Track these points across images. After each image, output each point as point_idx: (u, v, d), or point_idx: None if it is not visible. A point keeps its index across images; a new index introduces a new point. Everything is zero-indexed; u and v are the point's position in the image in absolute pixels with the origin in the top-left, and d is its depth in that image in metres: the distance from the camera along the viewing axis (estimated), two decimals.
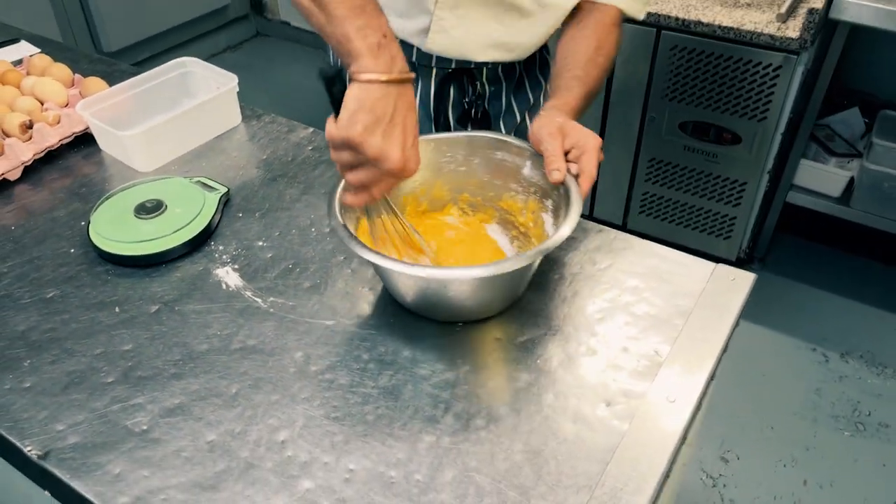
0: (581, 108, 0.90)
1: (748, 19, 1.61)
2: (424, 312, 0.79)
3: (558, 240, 0.73)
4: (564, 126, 0.82)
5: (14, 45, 1.37)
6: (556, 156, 0.79)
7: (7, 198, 1.01)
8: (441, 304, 0.77)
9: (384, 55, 0.69)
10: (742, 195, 1.85)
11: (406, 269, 0.70)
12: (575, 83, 0.91)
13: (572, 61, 0.95)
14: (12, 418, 0.69)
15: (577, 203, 0.76)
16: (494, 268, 0.70)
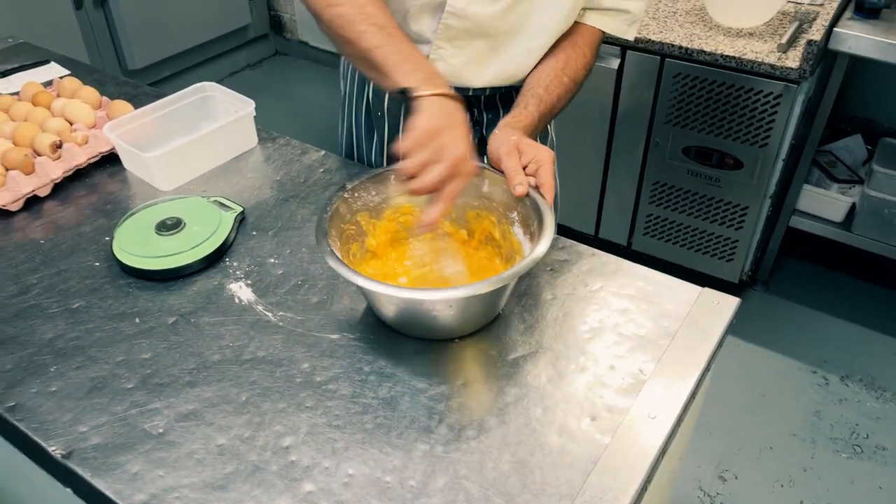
0: (536, 126, 0.97)
1: (749, 49, 1.66)
2: (404, 330, 0.84)
3: (535, 258, 0.78)
4: (519, 143, 0.88)
5: (44, 66, 1.45)
6: (517, 171, 0.85)
7: (37, 213, 1.07)
8: (418, 322, 0.83)
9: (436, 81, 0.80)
10: (744, 219, 1.89)
11: (380, 287, 0.75)
12: (533, 101, 0.98)
13: (536, 78, 1.02)
14: (39, 420, 0.75)
15: (548, 217, 0.81)
16: (468, 289, 0.75)
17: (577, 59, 1.04)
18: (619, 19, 1.06)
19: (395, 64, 0.82)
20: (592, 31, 1.06)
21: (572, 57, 1.04)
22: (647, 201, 2.01)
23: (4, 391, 0.78)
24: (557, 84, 1.01)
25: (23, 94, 1.25)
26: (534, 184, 0.86)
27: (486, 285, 0.75)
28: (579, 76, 1.04)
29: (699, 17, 1.82)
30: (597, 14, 1.05)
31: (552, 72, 1.02)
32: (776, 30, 1.74)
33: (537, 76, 1.02)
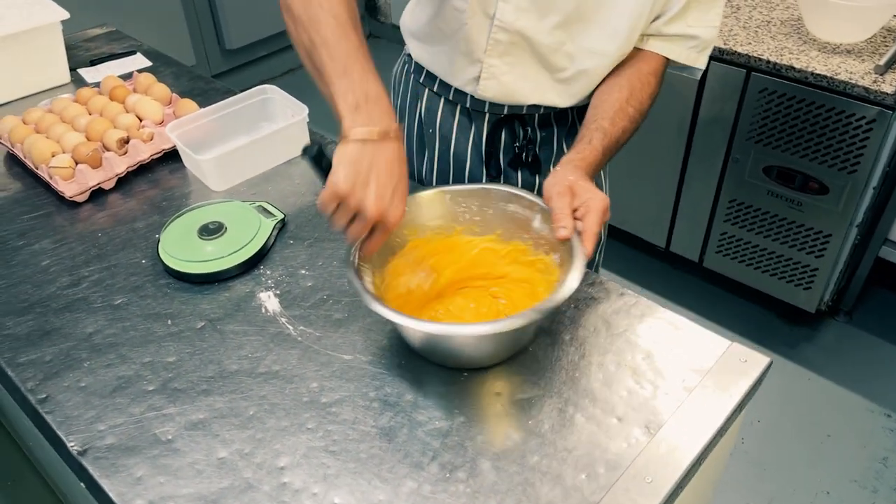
0: (600, 161, 0.92)
1: (844, 68, 1.54)
2: (430, 358, 0.85)
3: (555, 301, 0.76)
4: (574, 185, 0.84)
5: (130, 57, 1.53)
6: (564, 214, 0.82)
7: (101, 204, 1.14)
8: (444, 353, 0.83)
9: (362, 116, 0.75)
10: (826, 247, 1.77)
11: (409, 322, 0.75)
12: (598, 135, 0.93)
13: (601, 110, 0.97)
14: (65, 414, 0.81)
15: (578, 264, 0.79)
16: (488, 326, 0.74)
17: (643, 88, 0.99)
18: (687, 46, 1.00)
19: (333, 74, 0.77)
20: (657, 59, 1.01)
21: (637, 86, 0.99)
22: (723, 219, 1.92)
23: (41, 382, 0.84)
24: (623, 116, 0.97)
25: (103, 86, 1.33)
26: (579, 229, 0.83)
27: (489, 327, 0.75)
28: (644, 106, 1.00)
29: (794, 29, 1.71)
30: (660, 41, 1.00)
31: (617, 103, 0.97)
32: (877, 48, 1.61)
33: (602, 107, 0.98)
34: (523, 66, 1.01)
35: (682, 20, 0.97)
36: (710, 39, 1.01)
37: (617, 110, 0.96)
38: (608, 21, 0.95)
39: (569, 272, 0.79)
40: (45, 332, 0.91)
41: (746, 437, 1.77)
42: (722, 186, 1.87)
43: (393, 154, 0.77)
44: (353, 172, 0.74)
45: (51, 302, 0.96)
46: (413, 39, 1.12)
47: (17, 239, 1.07)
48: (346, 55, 0.78)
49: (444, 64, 1.07)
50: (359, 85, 0.77)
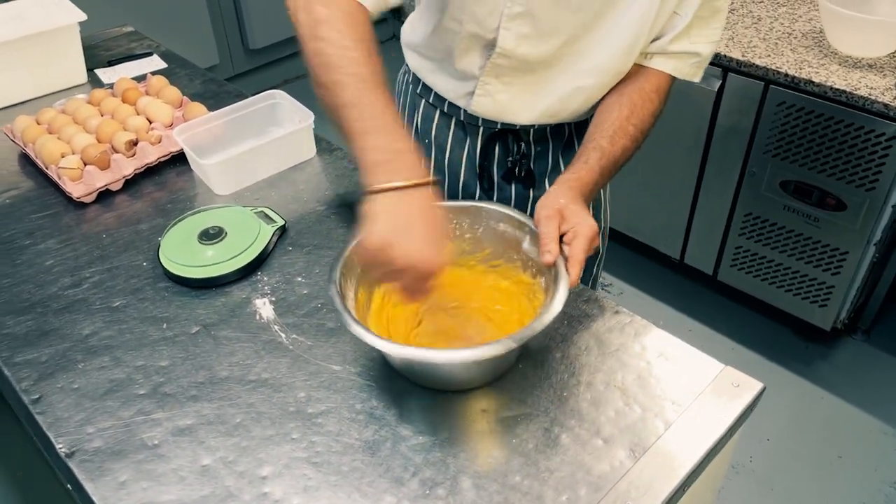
0: (598, 182, 0.91)
1: (864, 83, 1.51)
2: (412, 380, 0.84)
3: (533, 330, 0.75)
4: (564, 209, 0.83)
5: (147, 58, 1.55)
6: (550, 238, 0.81)
7: (108, 205, 1.16)
8: (425, 376, 0.82)
9: (392, 170, 0.72)
10: (842, 264, 1.73)
11: (389, 347, 0.75)
12: (596, 154, 0.92)
13: (601, 129, 0.95)
14: (55, 416, 0.82)
15: (561, 291, 0.78)
16: (468, 353, 0.74)
17: (644, 105, 0.97)
18: (689, 62, 0.99)
19: (359, 133, 0.75)
20: (660, 76, 0.99)
21: (638, 104, 0.97)
22: (738, 232, 1.89)
23: (35, 383, 0.86)
24: (623, 134, 0.94)
25: (116, 88, 1.35)
26: (566, 254, 0.81)
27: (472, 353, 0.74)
28: (646, 125, 0.98)
29: (815, 42, 1.67)
30: (664, 58, 0.98)
31: (617, 121, 0.95)
32: None
33: (601, 126, 0.96)
34: (519, 85, 1.00)
35: (686, 37, 0.95)
36: (709, 55, 0.99)
37: (617, 129, 0.94)
38: (607, 41, 0.93)
39: (552, 298, 0.78)
40: (43, 333, 0.93)
41: (755, 455, 1.74)
42: (738, 199, 1.84)
43: (426, 201, 0.73)
44: (385, 227, 0.70)
45: (51, 302, 0.97)
46: (410, 51, 1.12)
47: (24, 238, 1.09)
48: (372, 116, 0.75)
49: (439, 78, 1.06)
50: (384, 141, 0.74)
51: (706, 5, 0.94)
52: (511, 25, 0.92)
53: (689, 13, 0.92)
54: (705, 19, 0.95)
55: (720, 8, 0.96)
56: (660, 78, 0.99)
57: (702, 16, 0.94)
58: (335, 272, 0.81)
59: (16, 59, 1.36)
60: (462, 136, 1.10)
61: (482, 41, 0.96)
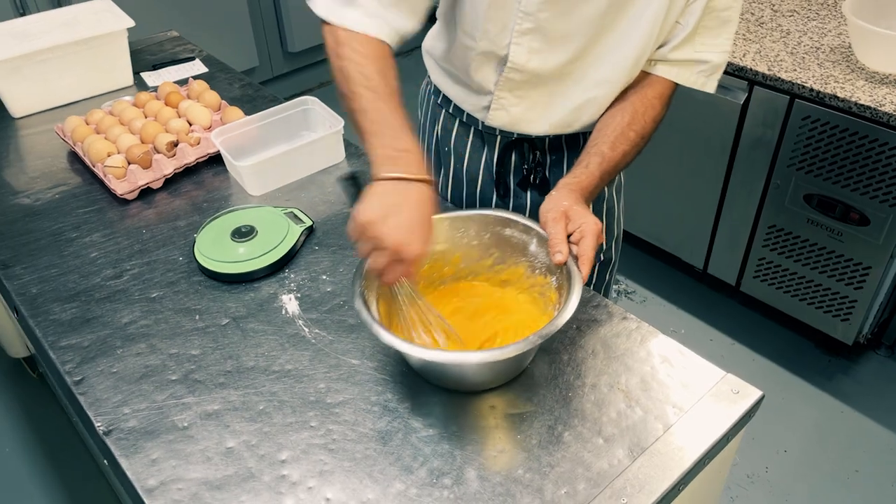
0: (597, 185, 0.95)
1: (890, 99, 1.51)
2: (430, 380, 0.89)
3: (553, 329, 0.79)
4: (569, 210, 0.88)
5: (189, 63, 1.63)
6: (559, 239, 0.85)
7: (149, 202, 1.23)
8: (444, 378, 0.87)
9: (395, 164, 0.80)
10: (865, 279, 1.73)
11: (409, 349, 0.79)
12: (596, 159, 0.96)
13: (602, 134, 1.00)
14: (95, 396, 0.89)
15: (576, 289, 0.82)
16: (486, 355, 0.78)
17: (646, 111, 1.01)
18: (695, 70, 1.01)
19: (369, 133, 0.85)
20: (662, 83, 1.03)
21: (640, 110, 1.01)
22: (761, 244, 1.90)
23: (77, 365, 0.93)
24: (623, 140, 0.99)
25: (160, 92, 1.43)
26: (576, 253, 0.86)
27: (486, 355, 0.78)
28: (647, 130, 1.02)
29: (843, 57, 1.68)
30: (666, 65, 1.02)
31: (619, 127, 1.00)
32: None
33: (603, 132, 1.00)
34: (532, 98, 1.05)
35: (689, 45, 0.98)
36: (720, 63, 1.02)
37: (618, 135, 0.98)
38: (615, 53, 0.97)
39: (568, 296, 0.82)
40: (86, 320, 1.00)
41: (771, 466, 1.75)
42: (762, 212, 1.85)
43: (420, 195, 0.80)
44: (377, 205, 0.78)
45: (94, 292, 1.04)
46: (432, 62, 1.17)
47: (71, 231, 1.16)
48: (382, 120, 0.85)
49: (457, 90, 1.11)
50: (390, 141, 0.84)
51: (711, 16, 0.97)
52: (522, 41, 0.97)
53: (691, 23, 0.96)
54: (712, 29, 0.98)
55: (729, 19, 0.98)
56: (662, 84, 1.03)
57: (708, 25, 0.97)
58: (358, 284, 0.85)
59: (67, 62, 1.45)
60: (480, 144, 1.15)
61: (495, 57, 1.01)
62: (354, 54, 0.90)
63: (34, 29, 1.49)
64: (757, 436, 1.81)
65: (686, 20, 0.96)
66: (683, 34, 0.97)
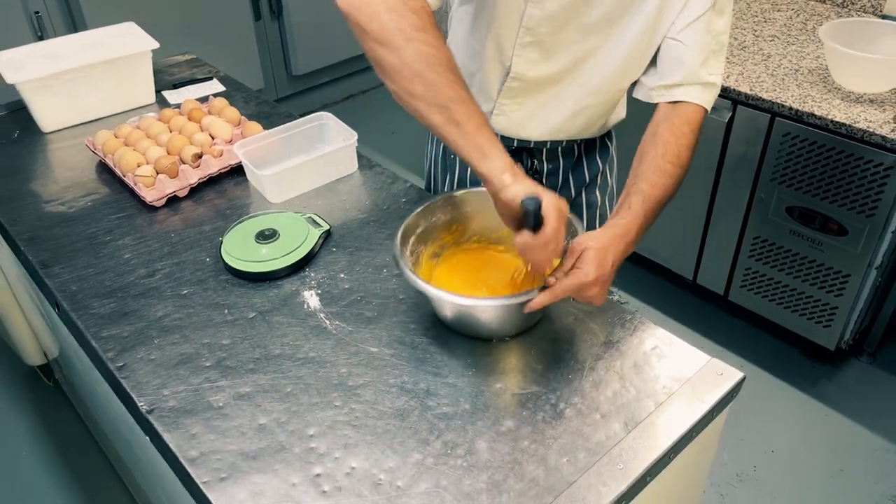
0: (642, 224, 0.98)
1: (864, 117, 1.63)
2: (457, 329, 1.00)
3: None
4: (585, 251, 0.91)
5: (207, 82, 1.73)
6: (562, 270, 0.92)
7: (175, 209, 1.32)
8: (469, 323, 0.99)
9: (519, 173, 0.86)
10: (845, 286, 1.83)
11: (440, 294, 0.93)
12: (637, 199, 0.99)
13: (639, 172, 1.02)
14: (137, 380, 0.97)
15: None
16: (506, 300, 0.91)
17: (678, 140, 1.03)
18: (711, 93, 1.06)
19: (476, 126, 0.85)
20: (688, 110, 1.04)
21: (671, 141, 1.02)
22: (748, 255, 2.00)
23: (118, 354, 1.01)
24: (661, 174, 1.01)
25: (183, 108, 1.52)
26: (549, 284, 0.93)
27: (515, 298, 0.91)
28: (683, 159, 1.03)
29: (820, 78, 1.80)
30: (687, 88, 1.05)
31: (653, 162, 1.01)
32: None
33: (640, 168, 1.02)
34: (531, 105, 1.15)
35: (705, 69, 1.04)
36: (719, 85, 1.07)
37: (654, 169, 1.00)
38: (604, 63, 1.08)
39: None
40: (123, 314, 1.08)
41: (759, 465, 1.83)
42: (747, 224, 1.95)
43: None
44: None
45: (129, 289, 1.13)
46: None
47: (104, 235, 1.25)
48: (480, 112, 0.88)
49: None
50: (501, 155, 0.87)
51: (717, 40, 1.04)
52: (523, 52, 1.08)
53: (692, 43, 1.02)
54: (716, 53, 1.04)
55: (724, 43, 1.06)
56: (691, 112, 1.04)
57: (714, 50, 1.04)
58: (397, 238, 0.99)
59: (95, 80, 1.55)
60: None
61: (499, 69, 1.11)
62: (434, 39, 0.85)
63: (63, 50, 1.59)
64: (745, 437, 1.89)
65: (687, 38, 1.01)
66: (698, 59, 1.02)
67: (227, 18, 2.89)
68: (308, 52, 3.18)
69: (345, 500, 0.82)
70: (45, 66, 1.52)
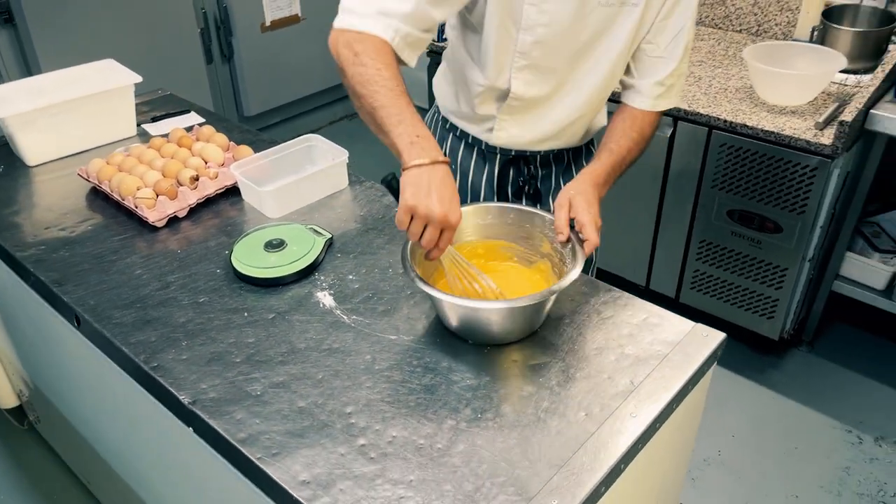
0: (609, 172, 1.19)
1: (789, 126, 1.84)
2: (461, 334, 1.07)
3: (563, 284, 0.99)
4: (573, 199, 1.10)
5: (185, 114, 1.79)
6: (562, 224, 1.08)
7: (176, 229, 1.37)
8: (473, 327, 1.05)
9: (416, 149, 0.97)
10: (783, 279, 2.03)
11: (446, 297, 0.99)
12: (605, 154, 1.21)
13: (609, 136, 1.25)
14: (174, 377, 1.02)
15: (580, 259, 1.03)
16: (511, 302, 0.98)
17: (644, 117, 1.26)
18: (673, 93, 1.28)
19: (393, 125, 0.99)
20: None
21: (638, 116, 1.26)
22: (695, 258, 2.18)
23: (150, 356, 1.06)
24: (626, 138, 1.24)
25: (171, 136, 1.58)
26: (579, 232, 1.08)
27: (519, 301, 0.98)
28: (646, 132, 1.27)
29: (747, 95, 2.01)
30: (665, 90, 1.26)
31: (620, 129, 1.25)
32: (818, 109, 1.91)
33: (610, 134, 1.26)
34: (527, 119, 1.29)
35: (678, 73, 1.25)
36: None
37: (621, 135, 1.23)
38: (590, 79, 1.24)
39: (573, 266, 1.03)
40: (146, 321, 1.13)
41: (723, 449, 1.98)
42: (693, 229, 2.13)
43: (444, 174, 0.98)
44: (417, 191, 0.96)
45: (147, 300, 1.17)
46: (441, 96, 1.40)
47: (111, 255, 1.29)
48: (400, 112, 1.01)
49: (463, 119, 1.35)
50: (411, 129, 1.00)
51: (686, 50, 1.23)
52: (519, 76, 1.21)
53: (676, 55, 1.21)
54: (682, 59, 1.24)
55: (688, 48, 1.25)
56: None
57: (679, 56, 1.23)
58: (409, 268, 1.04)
59: (79, 114, 1.59)
60: (482, 162, 1.37)
61: (497, 91, 1.25)
62: (371, 60, 1.03)
63: (46, 86, 1.63)
64: (708, 426, 2.03)
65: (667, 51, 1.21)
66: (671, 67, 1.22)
67: (179, 62, 2.95)
68: (259, 93, 3.26)
69: (391, 464, 0.89)
70: (30, 101, 1.56)
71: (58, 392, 1.66)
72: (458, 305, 1.03)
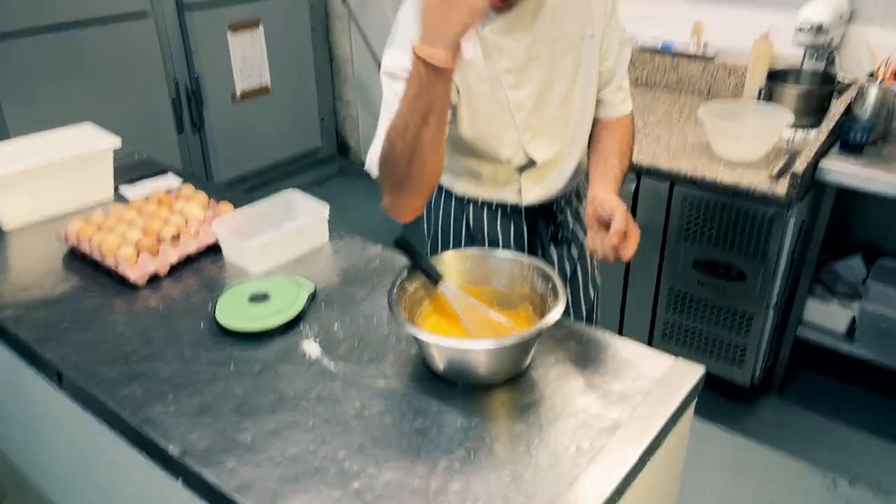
0: (619, 180, 1.32)
1: (745, 178, 1.94)
2: (449, 377, 1.09)
3: (548, 322, 1.03)
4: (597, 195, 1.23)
5: (163, 176, 1.81)
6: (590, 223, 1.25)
7: (157, 287, 1.37)
8: (461, 369, 1.07)
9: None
10: (750, 326, 2.09)
11: (433, 339, 1.01)
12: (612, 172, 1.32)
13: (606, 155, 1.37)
14: (162, 429, 1.01)
15: (561, 299, 1.07)
16: (497, 341, 1.00)
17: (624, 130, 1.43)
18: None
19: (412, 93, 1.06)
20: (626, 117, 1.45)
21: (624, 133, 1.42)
22: (665, 307, 2.23)
23: (137, 409, 1.05)
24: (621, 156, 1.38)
25: (151, 196, 1.60)
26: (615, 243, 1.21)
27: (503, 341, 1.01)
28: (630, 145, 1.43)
29: (704, 150, 2.12)
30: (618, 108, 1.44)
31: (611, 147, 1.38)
32: (770, 161, 2.02)
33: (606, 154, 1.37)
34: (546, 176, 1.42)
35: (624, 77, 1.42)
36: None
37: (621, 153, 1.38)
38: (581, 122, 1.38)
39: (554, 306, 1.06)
40: (131, 376, 1.12)
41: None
42: (661, 279, 2.20)
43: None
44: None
45: (131, 355, 1.17)
46: (456, 180, 1.48)
47: (90, 314, 1.28)
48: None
49: (490, 190, 1.44)
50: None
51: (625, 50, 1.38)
52: (531, 144, 1.35)
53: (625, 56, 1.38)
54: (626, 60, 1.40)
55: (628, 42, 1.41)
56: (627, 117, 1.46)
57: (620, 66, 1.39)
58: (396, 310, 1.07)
59: (59, 178, 1.60)
60: (508, 224, 1.48)
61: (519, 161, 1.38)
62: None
63: (24, 150, 1.64)
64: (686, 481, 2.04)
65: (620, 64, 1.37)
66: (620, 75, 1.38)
67: (151, 132, 2.98)
68: (229, 160, 3.30)
69: None
70: (8, 164, 1.56)
71: (30, 460, 1.60)
72: (444, 347, 1.05)
